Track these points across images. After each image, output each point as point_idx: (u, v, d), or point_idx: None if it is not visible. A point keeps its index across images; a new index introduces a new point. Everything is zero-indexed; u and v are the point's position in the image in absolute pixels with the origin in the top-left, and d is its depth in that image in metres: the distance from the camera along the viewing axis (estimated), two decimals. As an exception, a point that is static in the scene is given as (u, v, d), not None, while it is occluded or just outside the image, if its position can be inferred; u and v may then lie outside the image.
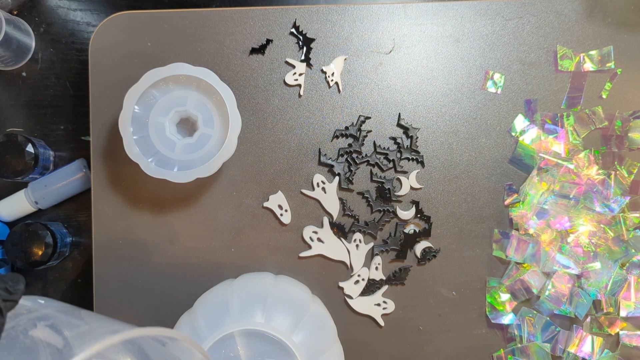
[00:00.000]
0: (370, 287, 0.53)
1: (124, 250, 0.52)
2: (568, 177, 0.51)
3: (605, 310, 0.52)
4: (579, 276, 0.52)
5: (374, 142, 0.53)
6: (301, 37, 0.53)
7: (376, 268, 0.53)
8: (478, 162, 0.54)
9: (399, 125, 0.54)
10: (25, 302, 0.32)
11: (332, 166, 0.53)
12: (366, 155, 0.53)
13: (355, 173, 0.53)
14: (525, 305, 0.53)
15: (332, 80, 0.53)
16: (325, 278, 0.53)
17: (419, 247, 0.53)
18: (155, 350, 0.36)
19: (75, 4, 0.59)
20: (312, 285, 0.52)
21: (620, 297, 0.51)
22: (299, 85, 0.53)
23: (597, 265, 0.51)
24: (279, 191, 0.53)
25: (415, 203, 0.53)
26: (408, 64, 0.54)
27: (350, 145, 0.53)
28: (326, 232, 0.53)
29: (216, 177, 0.53)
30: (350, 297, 0.53)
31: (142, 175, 0.47)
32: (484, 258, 0.53)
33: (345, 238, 0.53)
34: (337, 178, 0.53)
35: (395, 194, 0.53)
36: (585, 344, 0.51)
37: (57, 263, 0.58)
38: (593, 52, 0.54)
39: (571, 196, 0.51)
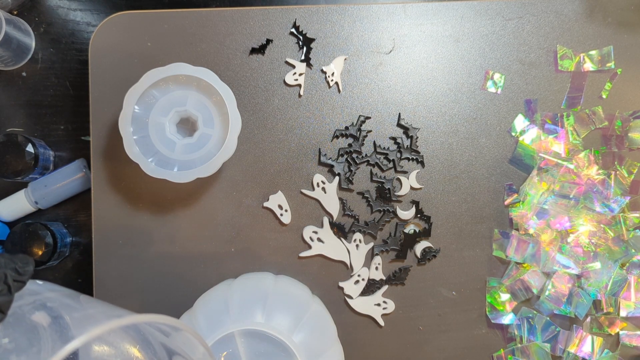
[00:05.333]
0: (370, 287, 0.53)
1: (124, 250, 0.52)
2: (568, 177, 0.51)
3: (605, 310, 0.52)
4: (579, 276, 0.52)
5: (374, 142, 0.53)
6: (301, 37, 0.53)
7: (376, 268, 0.53)
8: (478, 162, 0.54)
9: (399, 125, 0.54)
10: (31, 284, 0.33)
11: (332, 166, 0.53)
12: (366, 155, 0.53)
13: (355, 173, 0.53)
14: (525, 305, 0.53)
15: (332, 80, 0.53)
16: (325, 278, 0.53)
17: (419, 247, 0.53)
18: (158, 341, 0.36)
19: (75, 4, 0.59)
20: (312, 285, 0.52)
21: (620, 297, 0.51)
22: (299, 85, 0.53)
23: (597, 265, 0.51)
24: (279, 191, 0.53)
25: (415, 203, 0.53)
26: (408, 64, 0.54)
27: (350, 145, 0.53)
28: (326, 232, 0.53)
29: (216, 177, 0.53)
30: (350, 297, 0.53)
31: (142, 175, 0.47)
32: (484, 258, 0.53)
33: (345, 238, 0.53)
34: (337, 178, 0.53)
35: (395, 194, 0.53)
36: (585, 344, 0.51)
37: (57, 263, 0.58)
38: (593, 52, 0.54)
39: (571, 196, 0.51)
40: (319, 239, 0.52)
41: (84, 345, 0.35)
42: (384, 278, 0.53)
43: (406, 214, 0.53)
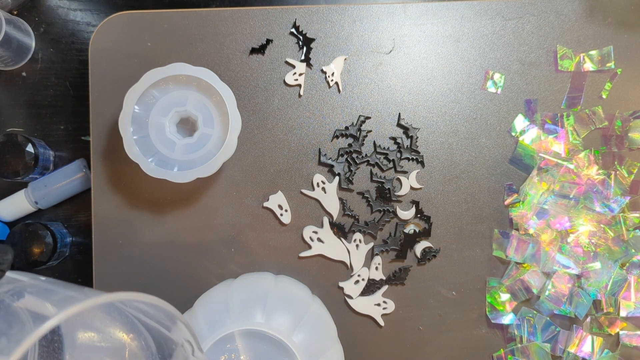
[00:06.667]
0: (370, 287, 0.53)
1: (124, 250, 0.52)
2: (568, 177, 0.51)
3: (605, 310, 0.52)
4: (579, 276, 0.52)
5: (374, 142, 0.53)
6: (301, 37, 0.53)
7: (376, 268, 0.53)
8: (478, 162, 0.54)
9: (399, 125, 0.54)
10: (12, 274, 0.33)
11: (332, 166, 0.53)
12: (366, 155, 0.53)
13: (355, 173, 0.53)
14: (525, 305, 0.53)
15: (332, 80, 0.53)
16: (325, 278, 0.53)
17: (419, 247, 0.53)
18: (156, 332, 0.36)
19: (75, 4, 0.59)
20: (312, 285, 0.52)
21: (620, 297, 0.51)
22: (299, 85, 0.53)
23: (597, 265, 0.51)
24: (279, 191, 0.53)
25: (415, 203, 0.53)
26: (408, 64, 0.54)
27: (350, 145, 0.53)
28: (326, 232, 0.53)
29: (216, 177, 0.53)
30: (350, 297, 0.53)
31: (142, 175, 0.47)
32: (484, 258, 0.53)
33: (345, 238, 0.53)
34: (337, 178, 0.53)
35: (395, 194, 0.53)
36: (585, 344, 0.51)
37: (57, 263, 0.58)
38: (593, 52, 0.54)
39: (571, 196, 0.51)
40: (319, 239, 0.52)
41: (68, 332, 0.35)
42: (384, 278, 0.53)
43: (406, 214, 0.53)
